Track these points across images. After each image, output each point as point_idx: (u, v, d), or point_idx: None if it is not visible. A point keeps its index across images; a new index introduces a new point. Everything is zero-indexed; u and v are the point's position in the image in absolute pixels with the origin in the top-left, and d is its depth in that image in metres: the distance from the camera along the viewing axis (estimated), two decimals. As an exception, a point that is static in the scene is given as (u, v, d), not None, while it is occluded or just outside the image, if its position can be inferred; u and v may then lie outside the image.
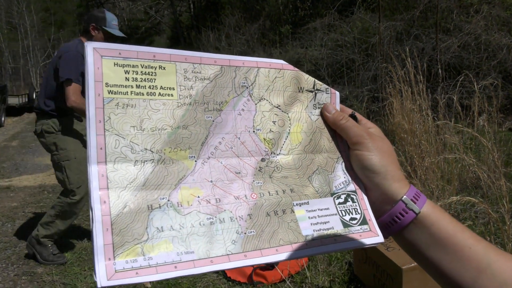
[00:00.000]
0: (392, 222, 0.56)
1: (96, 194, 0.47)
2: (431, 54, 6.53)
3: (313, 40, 9.18)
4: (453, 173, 3.32)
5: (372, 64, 7.09)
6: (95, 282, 0.43)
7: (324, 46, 8.57)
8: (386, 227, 0.57)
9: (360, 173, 0.60)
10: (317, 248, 0.55)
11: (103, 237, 0.45)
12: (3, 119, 11.30)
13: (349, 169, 0.63)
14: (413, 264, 2.01)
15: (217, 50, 12.32)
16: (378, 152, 0.57)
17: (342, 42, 8.24)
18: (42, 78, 3.29)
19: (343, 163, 0.63)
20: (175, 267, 0.47)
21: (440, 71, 5.85)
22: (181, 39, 20.71)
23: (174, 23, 22.93)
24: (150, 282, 0.44)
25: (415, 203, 0.54)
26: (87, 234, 3.60)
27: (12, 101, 13.55)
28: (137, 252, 0.46)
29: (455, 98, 3.72)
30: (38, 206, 4.46)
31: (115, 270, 0.44)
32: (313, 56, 8.71)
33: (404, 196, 0.54)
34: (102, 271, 0.43)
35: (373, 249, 2.22)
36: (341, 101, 0.66)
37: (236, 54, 0.66)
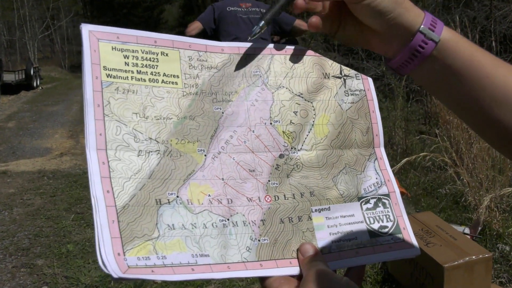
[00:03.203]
0: (411, 57, 0.56)
1: (97, 181, 0.47)
2: (484, 24, 6.37)
3: (346, 9, 9.05)
4: (506, 161, 3.26)
5: (414, 36, 6.98)
6: (99, 276, 0.44)
7: (358, 15, 8.44)
8: (405, 65, 0.57)
9: (370, 23, 0.57)
10: (333, 263, 0.54)
11: (109, 229, 0.46)
12: (-2, 97, 11.56)
13: (383, 168, 0.62)
14: (456, 262, 2.01)
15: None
16: None
17: (380, 11, 8.11)
18: None
19: (376, 161, 0.62)
20: (192, 269, 0.48)
21: (494, 43, 5.72)
22: (195, 7, 20.67)
23: (186, -11, 22.89)
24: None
25: (433, 31, 0.54)
26: (91, 225, 3.70)
27: (8, 77, 13.79)
28: (148, 250, 0.47)
29: (511, 75, 3.65)
30: (38, 193, 4.58)
31: (128, 266, 0.45)
32: (345, 26, 8.60)
33: (422, 26, 0.54)
34: (113, 265, 0.44)
35: (410, 245, 2.22)
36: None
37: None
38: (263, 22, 0.58)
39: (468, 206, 3.29)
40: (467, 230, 2.84)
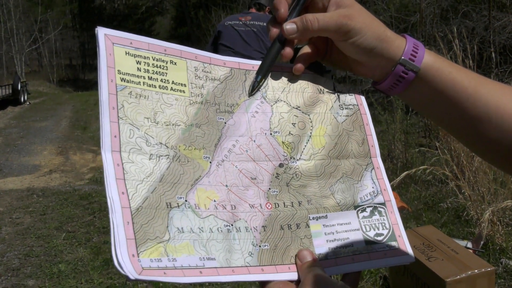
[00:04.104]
0: (396, 83, 0.61)
1: (113, 183, 0.50)
2: (483, 35, 6.48)
3: (343, 20, 9.15)
4: (508, 174, 3.32)
5: (413, 47, 7.05)
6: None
7: (355, 27, 8.54)
8: (390, 89, 0.63)
9: (354, 56, 0.62)
10: (330, 269, 0.58)
11: (125, 230, 0.48)
12: (-16, 113, 11.53)
13: (380, 177, 0.66)
14: (458, 277, 2.05)
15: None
16: (366, 26, 0.60)
17: (377, 22, 8.21)
18: None
19: (373, 171, 0.66)
20: (200, 272, 0.51)
21: (493, 54, 5.81)
22: (187, 19, 20.85)
23: (179, 1, 23.09)
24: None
25: (413, 61, 0.60)
26: (83, 243, 3.71)
27: (-6, 92, 13.81)
28: (160, 252, 0.49)
29: (511, 86, 3.71)
30: (27, 211, 4.59)
31: (142, 268, 0.47)
32: (342, 38, 8.69)
33: (402, 58, 0.60)
34: (129, 266, 0.46)
35: (412, 260, 2.25)
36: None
37: None
38: (260, 76, 0.64)
39: (470, 220, 3.34)
40: (469, 245, 2.88)
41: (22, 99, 15.26)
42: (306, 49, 0.67)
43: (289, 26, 0.61)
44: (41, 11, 30.25)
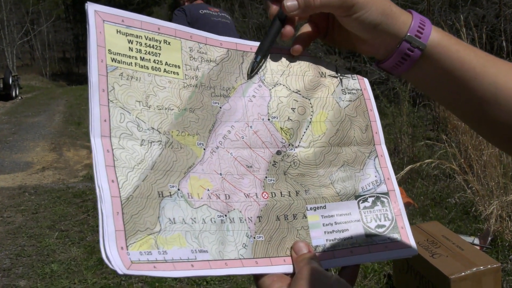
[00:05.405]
0: (401, 61, 0.61)
1: (102, 170, 0.50)
2: (493, 23, 6.46)
3: (347, 8, 9.12)
4: (518, 168, 3.32)
5: (420, 37, 7.04)
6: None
7: (360, 15, 8.51)
8: (395, 67, 0.62)
9: (358, 33, 0.61)
10: (327, 262, 0.58)
11: (114, 221, 0.47)
12: (-26, 109, 11.57)
13: (384, 165, 0.65)
14: (462, 274, 2.06)
15: (229, 23, 12.38)
16: (371, 0, 0.58)
17: (383, 10, 8.17)
18: None
19: (377, 159, 0.65)
20: (192, 265, 0.50)
21: (504, 43, 5.80)
22: (185, 9, 20.80)
23: (176, -10, 23.05)
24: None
25: (419, 38, 0.59)
26: (76, 243, 3.74)
27: (-15, 87, 13.85)
28: (150, 244, 0.49)
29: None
30: (19, 210, 4.61)
31: (131, 261, 0.47)
32: (346, 27, 8.67)
33: (408, 34, 0.59)
34: (117, 260, 0.46)
35: (416, 257, 2.26)
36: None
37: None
38: (259, 56, 0.63)
39: (479, 216, 3.34)
40: (476, 241, 2.89)
41: (13, 94, 15.27)
42: (305, 28, 0.66)
43: (290, 2, 0.59)
44: (33, 2, 30.19)
